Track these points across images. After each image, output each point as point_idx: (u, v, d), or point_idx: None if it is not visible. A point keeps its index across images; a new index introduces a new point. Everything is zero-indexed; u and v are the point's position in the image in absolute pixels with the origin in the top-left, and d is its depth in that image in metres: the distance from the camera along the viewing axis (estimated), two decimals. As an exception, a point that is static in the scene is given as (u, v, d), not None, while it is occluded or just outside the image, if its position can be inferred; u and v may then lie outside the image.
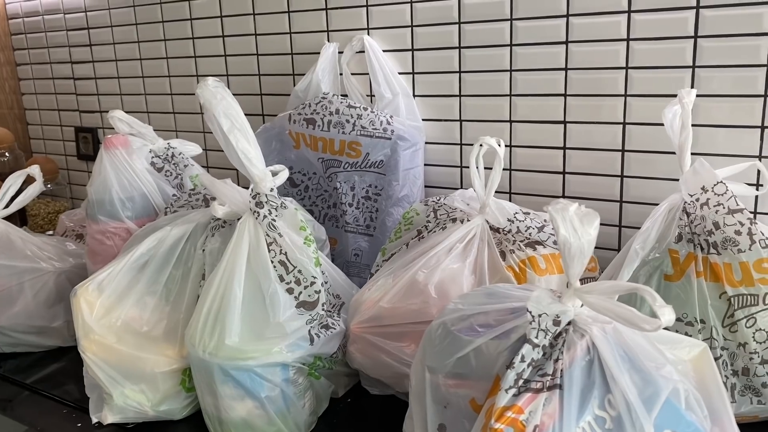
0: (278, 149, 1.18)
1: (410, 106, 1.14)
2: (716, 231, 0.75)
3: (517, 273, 0.83)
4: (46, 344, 1.06)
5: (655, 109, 0.95)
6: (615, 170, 1.01)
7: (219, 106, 0.79)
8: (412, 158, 1.12)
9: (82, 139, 1.68)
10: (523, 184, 1.10)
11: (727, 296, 0.73)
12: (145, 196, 1.02)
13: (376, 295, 0.85)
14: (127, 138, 1.03)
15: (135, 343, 0.84)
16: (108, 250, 0.99)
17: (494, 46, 1.06)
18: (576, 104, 1.01)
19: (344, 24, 1.19)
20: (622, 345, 0.57)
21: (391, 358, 0.81)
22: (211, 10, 1.35)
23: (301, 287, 0.80)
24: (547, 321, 0.58)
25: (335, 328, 0.83)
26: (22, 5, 1.68)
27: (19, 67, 1.76)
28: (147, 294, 0.87)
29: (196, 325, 0.78)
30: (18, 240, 1.06)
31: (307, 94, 1.17)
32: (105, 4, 1.51)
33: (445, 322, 0.64)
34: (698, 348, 0.63)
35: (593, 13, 0.96)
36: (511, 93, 1.06)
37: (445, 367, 0.62)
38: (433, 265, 0.84)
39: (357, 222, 1.14)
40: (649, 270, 0.78)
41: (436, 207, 0.94)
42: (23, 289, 1.02)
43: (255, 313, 0.78)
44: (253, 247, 0.81)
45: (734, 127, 0.91)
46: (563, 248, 0.56)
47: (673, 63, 0.93)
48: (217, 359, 0.76)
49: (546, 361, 0.57)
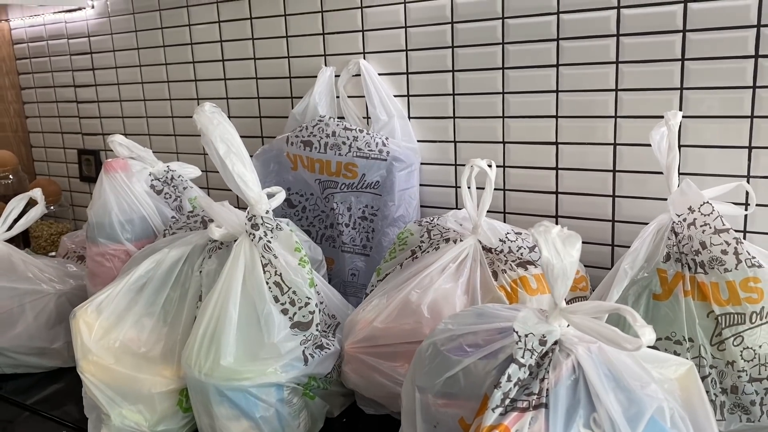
0: (276, 171, 1.20)
1: (405, 128, 1.16)
2: (703, 250, 0.76)
3: (508, 293, 0.84)
4: (47, 365, 1.07)
5: (644, 130, 0.96)
6: (607, 190, 1.02)
7: (216, 131, 0.81)
8: (408, 179, 1.14)
9: (85, 161, 1.70)
10: (517, 204, 1.11)
11: (715, 315, 0.74)
12: (144, 218, 1.04)
13: (370, 315, 0.86)
14: (127, 162, 1.05)
15: (133, 363, 0.85)
16: (107, 272, 1.01)
17: (487, 69, 1.08)
18: (567, 125, 1.03)
19: (341, 48, 1.22)
20: (607, 364, 0.58)
21: (385, 378, 0.82)
22: (211, 35, 1.38)
23: (295, 308, 0.82)
24: (534, 341, 0.59)
25: (330, 348, 0.84)
26: (27, 31, 1.72)
27: (23, 91, 1.79)
28: (145, 315, 0.88)
29: (193, 346, 0.80)
30: (20, 262, 1.08)
31: (305, 116, 1.19)
32: (108, 29, 1.54)
33: (435, 342, 0.66)
34: (684, 366, 0.64)
35: (583, 36, 0.99)
36: (504, 115, 1.08)
37: (434, 386, 0.63)
38: (426, 285, 0.85)
39: (353, 242, 1.16)
40: (638, 289, 0.79)
41: (430, 227, 0.95)
42: (24, 310, 1.04)
43: (250, 334, 0.79)
44: (249, 268, 0.82)
45: (722, 147, 0.93)
46: (546, 270, 0.57)
47: (661, 85, 0.95)
48: (213, 380, 0.77)
49: (532, 380, 0.58)
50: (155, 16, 1.45)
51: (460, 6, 1.07)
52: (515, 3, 1.02)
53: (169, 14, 1.43)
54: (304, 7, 1.23)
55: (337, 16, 1.21)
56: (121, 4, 1.50)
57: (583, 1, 0.97)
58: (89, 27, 1.58)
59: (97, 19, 1.56)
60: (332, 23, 1.21)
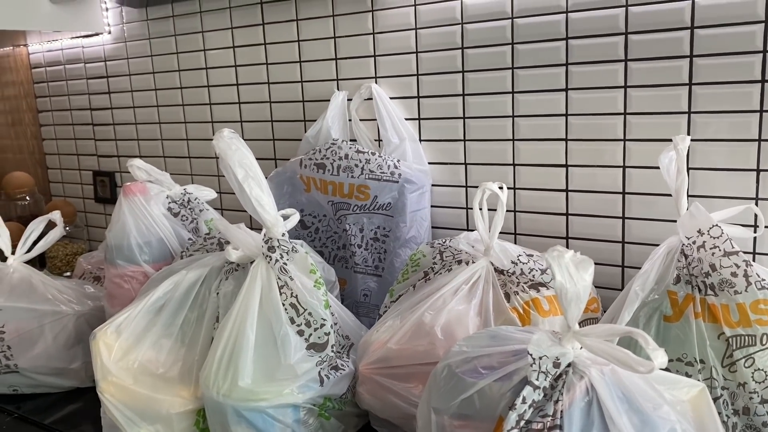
0: (290, 192, 1.22)
1: (417, 151, 1.18)
2: (713, 273, 0.77)
3: (521, 314, 0.86)
4: (65, 385, 1.08)
5: (653, 153, 0.98)
6: (616, 212, 1.04)
7: (234, 156, 0.84)
8: (419, 200, 1.15)
9: (100, 183, 1.73)
10: (527, 225, 1.13)
11: (726, 337, 0.75)
12: (162, 240, 1.06)
13: (384, 336, 0.87)
14: (146, 185, 1.07)
15: (151, 384, 0.87)
16: (126, 293, 1.03)
17: (497, 93, 1.10)
18: (577, 148, 1.05)
19: (353, 73, 1.24)
20: (620, 386, 0.60)
21: (399, 399, 0.83)
22: (225, 59, 1.41)
23: (311, 329, 0.83)
24: (548, 363, 0.60)
25: (344, 369, 0.86)
26: (45, 55, 1.76)
27: (40, 114, 1.83)
28: (163, 336, 0.90)
29: (211, 367, 0.81)
30: (39, 283, 1.10)
31: (318, 139, 1.21)
32: (124, 53, 1.58)
33: (450, 364, 0.67)
34: (696, 388, 0.65)
35: (591, 61, 1.01)
36: (514, 138, 1.10)
37: (450, 408, 0.64)
38: (440, 306, 0.86)
39: (366, 263, 1.17)
40: (649, 311, 0.80)
41: (442, 249, 0.97)
42: (44, 331, 1.05)
43: (267, 355, 0.81)
44: (265, 290, 0.84)
45: (731, 170, 0.94)
46: (560, 294, 0.58)
47: (669, 109, 0.97)
48: (231, 401, 0.78)
49: (547, 402, 0.59)
50: (171, 41, 1.48)
51: (470, 32, 1.10)
52: (525, 29, 1.05)
53: (185, 39, 1.46)
54: (318, 32, 1.26)
55: (349, 42, 1.23)
56: (137, 29, 1.54)
57: (591, 27, 0.99)
58: (106, 52, 1.62)
59: (114, 44, 1.59)
60: (345, 48, 1.24)
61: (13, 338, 1.04)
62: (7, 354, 1.04)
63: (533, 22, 1.04)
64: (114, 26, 1.58)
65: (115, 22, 1.57)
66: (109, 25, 1.58)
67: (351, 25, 1.22)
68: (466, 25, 1.10)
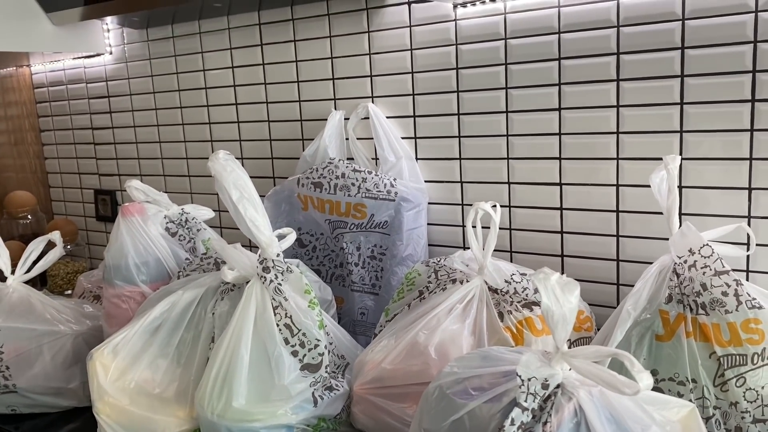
0: (287, 211, 1.23)
1: (413, 169, 1.19)
2: (704, 292, 0.77)
3: (514, 334, 0.86)
4: (63, 405, 1.08)
5: (646, 171, 0.98)
6: (611, 230, 1.04)
7: (229, 178, 0.85)
8: (416, 218, 1.16)
9: (101, 201, 1.74)
10: (523, 243, 1.13)
11: (717, 356, 0.75)
12: (159, 260, 1.07)
13: (378, 356, 0.88)
14: (143, 205, 1.08)
15: (147, 404, 0.87)
16: (123, 313, 1.03)
17: (491, 112, 1.11)
18: (571, 167, 1.06)
19: (350, 93, 1.26)
20: (609, 407, 0.60)
21: (393, 419, 0.84)
22: (225, 79, 1.42)
23: (305, 350, 0.84)
24: (536, 384, 0.61)
25: (339, 390, 0.86)
26: (48, 75, 1.78)
27: (42, 133, 1.85)
28: (159, 356, 0.91)
29: (205, 388, 0.82)
30: (38, 303, 1.11)
31: (315, 158, 1.23)
32: (125, 74, 1.60)
33: (441, 386, 0.67)
34: (686, 408, 0.66)
35: (584, 81, 1.02)
36: (509, 156, 1.11)
37: (440, 429, 0.65)
38: (434, 326, 0.87)
39: (363, 281, 1.18)
40: (641, 330, 0.80)
41: (437, 268, 0.97)
42: (42, 351, 1.06)
43: (261, 376, 0.81)
44: (260, 310, 0.85)
45: (723, 188, 0.95)
46: (547, 316, 0.59)
47: (661, 128, 0.97)
48: (225, 421, 0.79)
49: (535, 423, 0.60)
50: (171, 62, 1.50)
51: (464, 52, 1.11)
52: (518, 49, 1.06)
53: (184, 60, 1.48)
54: (315, 53, 1.28)
55: (346, 62, 1.25)
56: (137, 50, 1.56)
57: (583, 47, 1.01)
58: (107, 72, 1.64)
59: (115, 65, 1.62)
60: (342, 68, 1.26)
61: (11, 358, 1.05)
62: (5, 374, 1.05)
63: (526, 42, 1.05)
64: (115, 47, 1.60)
65: (116, 42, 1.59)
66: (110, 46, 1.60)
67: (348, 45, 1.24)
68: (460, 45, 1.12)
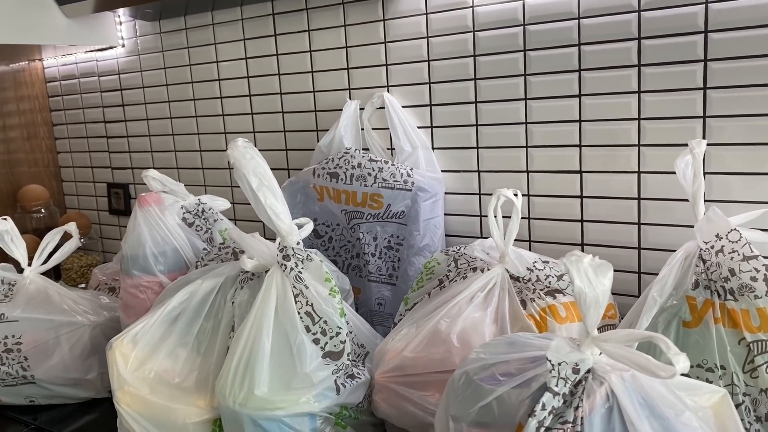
0: (303, 202, 1.22)
1: (429, 159, 1.18)
2: (732, 277, 0.76)
3: (538, 321, 0.85)
4: (81, 396, 1.09)
5: (668, 158, 0.98)
6: (632, 218, 1.03)
7: (248, 165, 0.84)
8: (433, 208, 1.15)
9: (114, 195, 1.74)
10: (542, 233, 1.12)
11: (746, 342, 0.74)
12: (176, 250, 1.06)
13: (399, 344, 0.87)
14: (160, 195, 1.08)
15: (167, 394, 0.87)
16: (141, 303, 1.03)
17: (510, 100, 1.10)
18: (591, 154, 1.04)
19: (365, 82, 1.25)
20: (641, 392, 0.59)
21: (415, 407, 0.83)
22: (238, 70, 1.42)
23: (326, 338, 0.83)
24: (567, 369, 0.60)
25: (360, 378, 0.85)
26: (60, 69, 1.78)
27: (55, 127, 1.85)
28: (179, 346, 0.90)
29: (227, 377, 0.81)
30: (55, 294, 1.11)
31: (331, 149, 1.22)
32: (137, 66, 1.59)
33: (468, 372, 0.66)
34: (718, 394, 0.64)
35: (605, 67, 1.00)
36: (528, 144, 1.10)
37: (468, 416, 0.64)
38: (455, 314, 0.86)
39: (380, 271, 1.17)
40: (668, 317, 0.79)
41: (457, 257, 0.96)
42: (60, 342, 1.06)
43: (283, 364, 0.81)
44: (281, 299, 0.84)
45: (747, 174, 0.94)
46: (579, 299, 0.58)
47: (684, 113, 0.96)
48: (247, 410, 0.78)
49: (566, 408, 0.59)
50: (183, 54, 1.50)
51: (481, 39, 1.10)
52: (537, 35, 1.05)
53: (197, 51, 1.47)
54: (329, 42, 1.27)
55: (361, 51, 1.24)
56: (150, 42, 1.55)
57: (604, 33, 0.99)
58: (119, 65, 1.64)
59: (127, 57, 1.61)
60: (356, 58, 1.25)
61: (29, 349, 1.05)
62: (24, 365, 1.05)
63: (545, 28, 1.04)
64: (127, 39, 1.60)
65: (129, 35, 1.59)
66: (122, 39, 1.60)
67: (363, 34, 1.23)
68: (477, 32, 1.10)
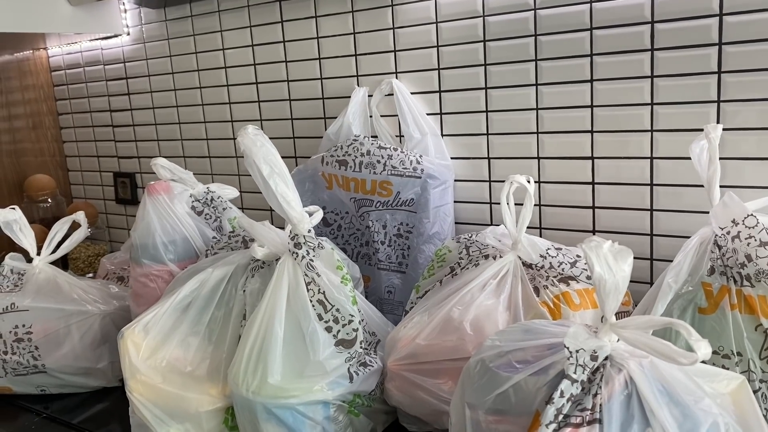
0: (312, 190, 1.22)
1: (439, 146, 1.18)
2: (749, 263, 0.75)
3: (551, 308, 0.84)
4: (91, 385, 1.09)
5: (682, 143, 0.97)
6: (644, 204, 1.02)
7: (259, 153, 0.83)
8: (442, 196, 1.14)
9: (120, 184, 1.74)
10: (553, 220, 1.11)
11: (763, 328, 0.74)
12: (186, 239, 1.06)
13: (411, 332, 0.87)
14: (169, 184, 1.07)
15: (180, 382, 0.87)
16: (151, 292, 1.03)
17: (520, 86, 1.09)
18: (603, 140, 1.03)
19: (373, 69, 1.24)
20: (660, 379, 0.58)
21: (428, 395, 0.83)
22: (244, 58, 1.41)
23: (339, 325, 0.83)
24: (585, 356, 0.59)
25: (373, 366, 0.85)
26: (65, 58, 1.77)
27: (60, 117, 1.84)
28: (190, 334, 0.90)
29: (239, 365, 0.81)
30: (65, 284, 1.11)
31: (339, 136, 1.21)
32: (143, 55, 1.58)
33: (484, 359, 0.66)
34: (736, 381, 0.64)
35: (617, 51, 0.99)
36: (539, 131, 1.09)
37: (485, 403, 0.64)
38: (468, 301, 0.85)
39: (389, 259, 1.17)
40: (683, 303, 0.79)
41: (468, 244, 0.96)
42: (70, 331, 1.06)
43: (296, 352, 0.80)
44: (293, 287, 0.84)
45: (761, 159, 0.92)
46: (598, 285, 0.57)
47: (698, 98, 0.95)
48: (260, 398, 0.78)
49: (585, 396, 0.58)
50: (189, 41, 1.49)
51: (491, 24, 1.09)
52: (547, 20, 1.03)
53: (203, 39, 1.46)
54: (337, 29, 1.26)
55: (369, 37, 1.23)
56: (155, 30, 1.54)
57: (616, 17, 0.98)
58: (125, 53, 1.63)
59: (133, 45, 1.60)
60: (364, 44, 1.24)
61: (40, 338, 1.05)
62: (35, 354, 1.05)
63: (556, 12, 1.03)
64: (132, 27, 1.59)
65: (134, 23, 1.58)
66: (127, 27, 1.59)
67: (370, 20, 1.22)
68: (487, 17, 1.09)
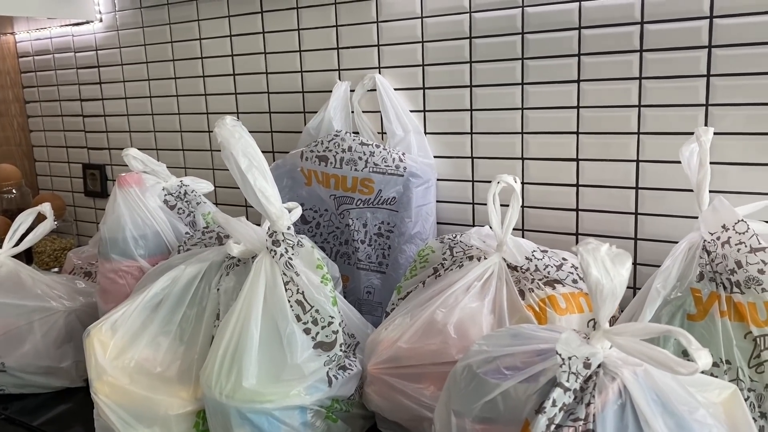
0: (290, 186, 1.18)
1: (422, 144, 1.15)
2: (739, 270, 0.74)
3: (537, 312, 0.82)
4: (54, 385, 1.04)
5: (669, 146, 0.96)
6: (629, 207, 1.01)
7: (237, 145, 0.80)
8: (425, 195, 1.12)
9: (90, 176, 1.68)
10: (536, 221, 1.10)
11: (753, 336, 0.72)
12: (158, 233, 1.01)
13: (393, 334, 0.84)
14: (141, 176, 1.03)
15: (148, 384, 0.83)
16: (120, 289, 0.98)
17: (506, 84, 1.06)
18: (588, 142, 1.02)
19: (356, 63, 1.20)
20: (654, 388, 0.56)
21: (409, 400, 0.80)
22: (222, 48, 1.36)
23: (318, 327, 0.79)
24: (578, 364, 0.57)
25: (352, 369, 0.82)
26: (33, 44, 1.70)
27: (27, 105, 1.77)
28: (161, 334, 0.86)
29: (212, 367, 0.77)
30: (28, 278, 1.05)
31: (319, 131, 1.18)
32: (116, 42, 1.53)
33: (471, 365, 0.63)
34: (728, 390, 0.62)
35: (605, 52, 0.97)
36: (523, 131, 1.07)
37: (472, 411, 0.61)
38: (452, 304, 0.83)
39: (369, 259, 1.14)
40: (672, 309, 0.77)
41: (452, 244, 0.93)
42: (33, 328, 1.01)
43: (272, 354, 0.77)
44: (270, 286, 0.80)
45: (747, 164, 0.92)
46: (595, 290, 0.55)
47: (686, 101, 0.94)
48: (234, 402, 0.74)
49: (577, 405, 0.56)
50: (165, 30, 1.44)
51: (478, 21, 1.06)
52: (535, 17, 1.01)
53: (179, 28, 1.41)
54: (319, 21, 1.22)
55: (352, 31, 1.19)
56: (130, 18, 1.49)
57: (605, 17, 0.96)
58: (97, 40, 1.57)
59: (105, 33, 1.54)
60: (347, 38, 1.20)
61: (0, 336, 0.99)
62: (-7, 352, 0.99)
63: (544, 10, 1.01)
64: (106, 14, 1.53)
65: (107, 9, 1.52)
66: (100, 13, 1.53)
67: (354, 13, 1.18)
68: (474, 13, 1.07)
